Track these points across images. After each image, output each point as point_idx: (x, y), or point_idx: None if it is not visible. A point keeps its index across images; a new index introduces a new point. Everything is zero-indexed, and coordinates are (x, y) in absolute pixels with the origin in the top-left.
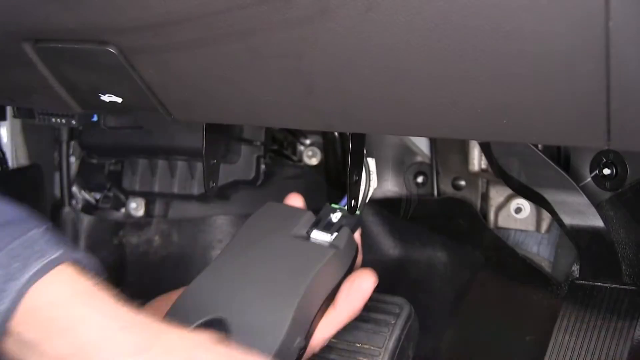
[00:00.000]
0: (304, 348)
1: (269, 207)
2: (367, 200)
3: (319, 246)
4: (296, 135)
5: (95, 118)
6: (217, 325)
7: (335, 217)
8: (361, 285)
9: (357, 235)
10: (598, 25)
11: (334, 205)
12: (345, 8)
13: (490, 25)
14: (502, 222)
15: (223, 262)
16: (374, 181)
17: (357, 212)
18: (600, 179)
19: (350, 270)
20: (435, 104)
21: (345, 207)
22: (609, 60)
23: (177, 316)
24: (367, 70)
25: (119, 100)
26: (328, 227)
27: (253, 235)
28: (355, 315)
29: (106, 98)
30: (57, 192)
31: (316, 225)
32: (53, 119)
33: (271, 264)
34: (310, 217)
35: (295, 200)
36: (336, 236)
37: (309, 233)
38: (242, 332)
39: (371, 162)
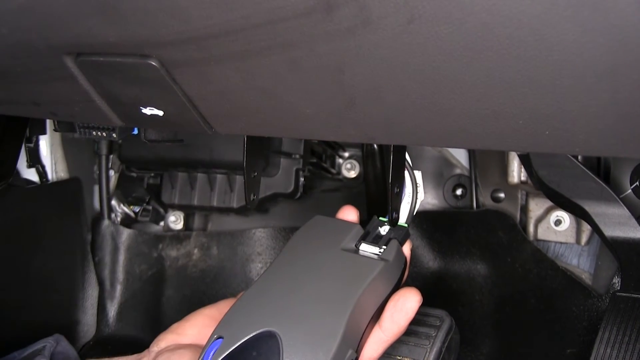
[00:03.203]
0: None
1: (316, 221)
2: (414, 213)
3: (368, 259)
4: (335, 148)
5: (135, 131)
6: (268, 339)
7: (384, 230)
8: (405, 305)
9: (406, 247)
10: (639, 35)
11: (382, 219)
12: (388, 20)
13: (533, 36)
14: (541, 235)
15: (272, 275)
16: (421, 193)
17: (405, 225)
18: None
19: (399, 282)
20: (477, 115)
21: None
22: None
23: (228, 329)
24: (408, 81)
25: (160, 113)
26: (376, 240)
27: (301, 249)
28: (400, 334)
29: (147, 111)
30: (97, 205)
31: (364, 238)
32: (94, 133)
33: (320, 277)
34: (358, 230)
35: (349, 213)
36: (385, 249)
37: (357, 246)
38: (293, 344)
39: (418, 174)
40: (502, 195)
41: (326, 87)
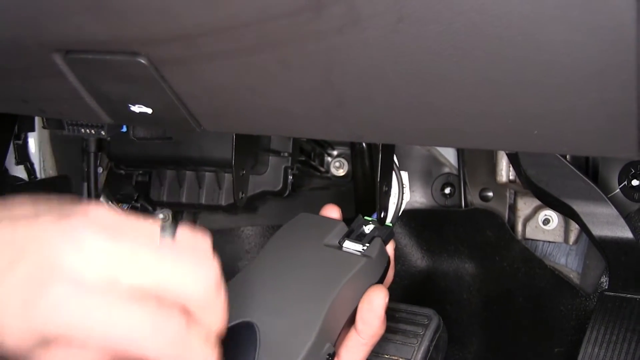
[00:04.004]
0: (333, 355)
1: (301, 217)
2: (399, 213)
3: (350, 255)
4: (324, 147)
5: (124, 129)
6: (246, 329)
7: (368, 228)
8: (372, 304)
9: (390, 247)
10: (629, 36)
11: (366, 218)
12: (377, 19)
13: (522, 36)
14: (530, 234)
15: (254, 268)
16: (407, 194)
17: (390, 224)
18: (628, 190)
19: (381, 280)
20: (465, 115)
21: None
22: None
23: None
24: (397, 80)
25: (149, 111)
26: (360, 237)
27: (285, 244)
28: (377, 334)
29: (136, 109)
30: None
31: (348, 235)
32: (82, 130)
33: (302, 271)
34: (342, 227)
35: (332, 211)
36: (368, 247)
37: (341, 243)
38: (271, 335)
39: (404, 174)
40: (490, 194)
41: (315, 86)
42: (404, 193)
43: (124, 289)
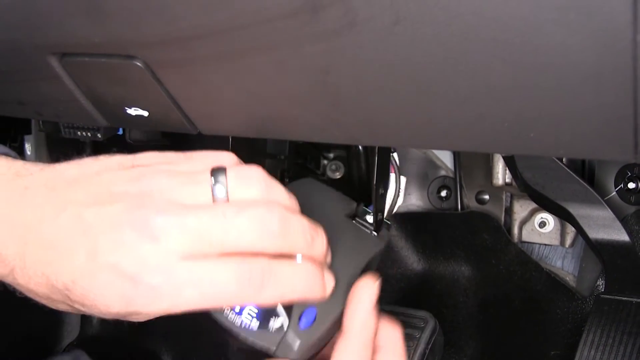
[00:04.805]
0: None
1: (307, 182)
2: (392, 213)
3: (370, 235)
4: (319, 149)
5: (120, 132)
6: None
7: (370, 218)
8: (361, 297)
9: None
10: (625, 39)
11: (365, 208)
12: (373, 21)
13: (518, 38)
14: (526, 236)
15: None
16: (401, 197)
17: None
18: (625, 193)
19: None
20: (461, 117)
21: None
22: (636, 73)
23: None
24: (393, 83)
25: (145, 113)
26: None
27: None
28: (370, 336)
29: (132, 112)
30: None
31: (354, 217)
32: (79, 133)
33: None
34: (350, 202)
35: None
36: (379, 234)
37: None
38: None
39: (403, 180)
40: (486, 197)
41: (311, 89)
42: (398, 197)
43: (203, 255)
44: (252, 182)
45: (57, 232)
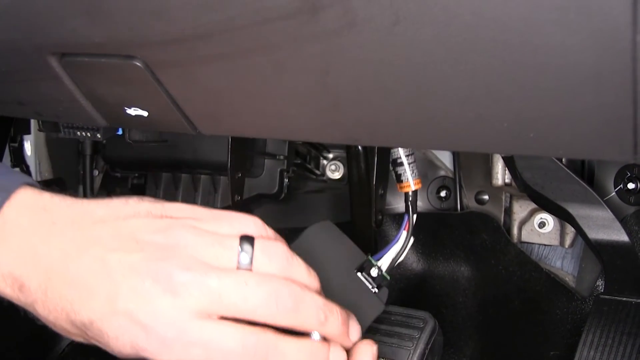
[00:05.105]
0: None
1: (325, 226)
2: (395, 264)
3: (374, 296)
4: (319, 149)
5: (120, 132)
6: None
7: (374, 272)
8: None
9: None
10: (625, 39)
11: (372, 261)
12: (373, 22)
13: (518, 38)
14: (525, 237)
15: None
16: (404, 255)
17: (387, 276)
18: (624, 193)
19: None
20: (461, 118)
21: (381, 265)
22: (636, 74)
23: None
24: (393, 83)
25: (145, 114)
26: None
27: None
28: None
29: (132, 112)
30: None
31: (361, 270)
32: (78, 133)
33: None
34: (359, 253)
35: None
36: (378, 292)
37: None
38: None
39: (411, 240)
40: (486, 197)
41: (311, 89)
42: (402, 254)
43: (215, 316)
44: (276, 257)
45: (80, 272)
